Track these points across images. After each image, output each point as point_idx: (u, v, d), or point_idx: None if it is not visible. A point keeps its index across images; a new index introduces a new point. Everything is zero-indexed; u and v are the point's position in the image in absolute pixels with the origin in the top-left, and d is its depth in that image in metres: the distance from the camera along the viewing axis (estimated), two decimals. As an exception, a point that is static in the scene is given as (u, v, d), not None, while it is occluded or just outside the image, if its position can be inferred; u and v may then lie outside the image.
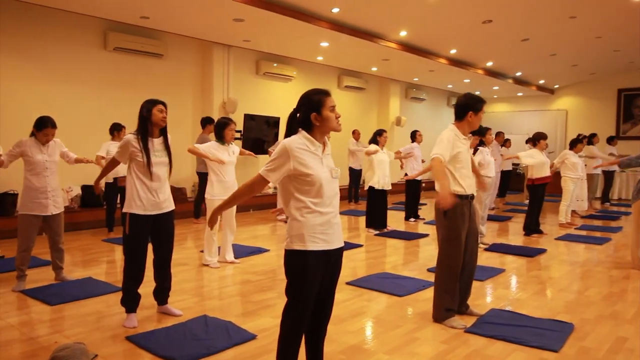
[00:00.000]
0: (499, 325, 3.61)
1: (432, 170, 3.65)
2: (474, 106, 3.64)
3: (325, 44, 9.12)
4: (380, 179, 7.35)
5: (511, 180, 12.22)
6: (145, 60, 8.41)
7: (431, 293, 3.91)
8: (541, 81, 14.29)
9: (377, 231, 7.54)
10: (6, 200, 6.59)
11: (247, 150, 6.29)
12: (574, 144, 8.30)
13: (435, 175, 3.65)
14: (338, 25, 7.99)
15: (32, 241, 4.47)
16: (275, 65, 10.31)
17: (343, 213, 9.56)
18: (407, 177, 8.19)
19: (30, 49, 7.06)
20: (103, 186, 6.83)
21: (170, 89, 8.79)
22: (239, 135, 9.37)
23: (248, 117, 9.61)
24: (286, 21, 7.37)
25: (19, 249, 4.42)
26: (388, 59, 10.51)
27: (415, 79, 13.69)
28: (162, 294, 3.82)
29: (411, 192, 8.66)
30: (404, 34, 8.83)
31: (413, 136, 8.74)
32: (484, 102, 3.70)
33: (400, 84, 13.81)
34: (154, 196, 3.53)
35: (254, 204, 9.72)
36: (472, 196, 3.74)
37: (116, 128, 6.78)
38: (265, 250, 6.12)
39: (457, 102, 3.74)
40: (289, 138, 2.39)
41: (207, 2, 6.65)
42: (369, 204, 7.61)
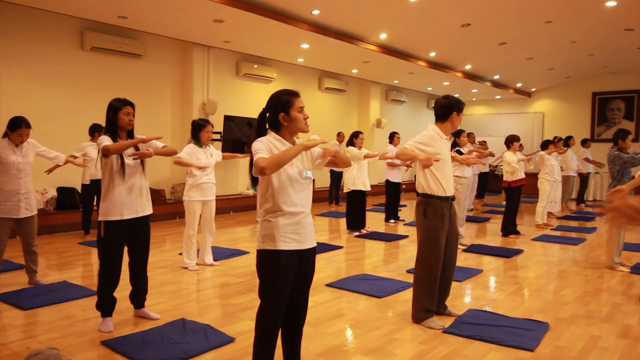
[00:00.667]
0: (476, 325, 3.65)
1: (401, 156, 3.70)
2: (458, 106, 3.73)
3: (305, 46, 9.12)
4: (357, 180, 7.38)
5: (489, 182, 12.39)
6: (123, 61, 8.29)
7: (410, 294, 3.94)
8: (518, 84, 14.54)
9: (357, 232, 7.57)
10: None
11: (229, 153, 6.25)
12: (545, 146, 8.58)
13: (404, 157, 3.70)
14: (318, 27, 8.01)
15: (4, 244, 4.39)
16: (255, 66, 10.27)
17: (323, 215, 9.56)
18: (382, 157, 7.63)
19: (4, 48, 6.89)
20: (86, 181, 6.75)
21: (149, 89, 8.69)
22: (218, 137, 9.30)
23: (228, 119, 9.55)
24: (266, 22, 7.35)
25: (-10, 253, 4.32)
26: (368, 61, 10.57)
27: (395, 82, 13.79)
28: (139, 297, 3.76)
29: (391, 194, 8.70)
30: (384, 36, 8.89)
31: (391, 138, 8.78)
32: (464, 104, 3.83)
33: (380, 86, 13.89)
34: (129, 200, 3.48)
35: (234, 206, 9.67)
36: (453, 198, 3.77)
37: (96, 129, 6.68)
38: (244, 253, 6.09)
39: (439, 103, 3.76)
40: (259, 139, 2.40)
41: (187, 3, 6.59)
42: (349, 206, 7.63)
